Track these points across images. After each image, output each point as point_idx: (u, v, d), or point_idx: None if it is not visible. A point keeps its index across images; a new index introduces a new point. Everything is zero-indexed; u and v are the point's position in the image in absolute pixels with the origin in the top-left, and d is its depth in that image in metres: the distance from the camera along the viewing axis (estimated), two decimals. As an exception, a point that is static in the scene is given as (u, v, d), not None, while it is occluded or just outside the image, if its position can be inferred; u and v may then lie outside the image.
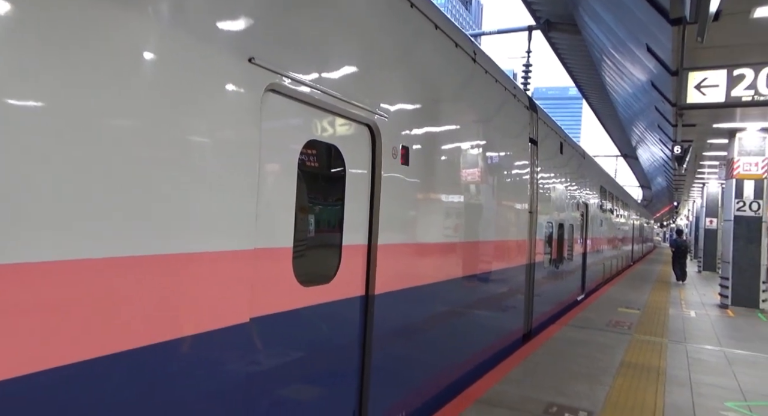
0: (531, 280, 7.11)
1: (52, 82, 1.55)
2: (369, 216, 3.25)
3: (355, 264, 3.12)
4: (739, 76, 6.51)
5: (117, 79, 1.72)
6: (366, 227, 3.23)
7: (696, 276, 19.84)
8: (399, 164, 3.51)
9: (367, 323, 3.24)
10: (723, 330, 8.77)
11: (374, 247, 3.25)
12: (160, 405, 1.92)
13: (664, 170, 26.85)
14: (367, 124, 3.19)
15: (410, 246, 3.74)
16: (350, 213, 3.04)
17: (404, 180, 3.59)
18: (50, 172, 1.56)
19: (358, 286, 3.16)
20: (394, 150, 3.44)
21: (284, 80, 2.44)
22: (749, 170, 11.43)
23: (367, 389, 3.23)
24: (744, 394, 5.14)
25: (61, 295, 1.59)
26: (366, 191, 3.21)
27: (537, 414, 4.19)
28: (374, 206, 3.26)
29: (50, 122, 1.55)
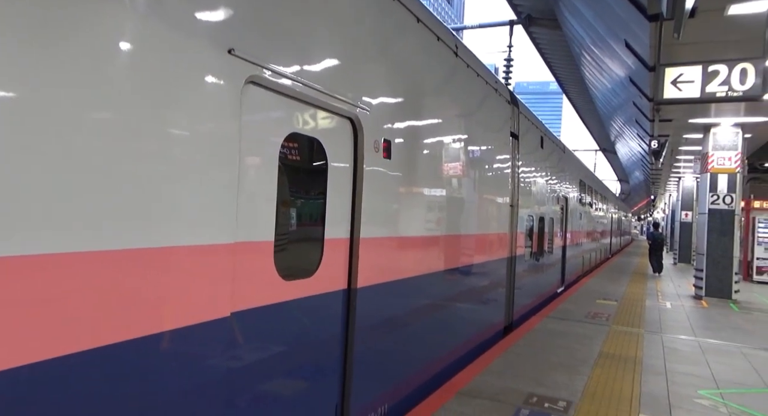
0: (512, 273, 7.21)
1: (25, 74, 1.51)
2: (351, 210, 3.25)
3: (337, 258, 3.12)
4: (714, 73, 6.65)
5: (92, 71, 1.68)
6: (348, 220, 3.23)
7: (672, 268, 20.31)
8: (381, 158, 3.51)
9: (349, 316, 3.25)
10: (697, 320, 9.01)
11: (356, 241, 3.26)
12: (139, 401, 1.90)
13: (641, 165, 27.36)
14: (349, 117, 3.19)
15: (392, 240, 3.76)
16: (332, 207, 3.04)
17: (386, 174, 3.60)
18: (22, 166, 1.52)
19: (340, 280, 3.17)
20: (376, 144, 3.44)
21: (265, 72, 2.40)
22: (723, 164, 11.71)
23: (349, 382, 3.25)
24: (717, 382, 5.29)
25: (33, 290, 1.55)
26: (348, 185, 3.21)
27: (517, 404, 4.26)
28: (356, 200, 3.26)
29: (23, 115, 1.51)
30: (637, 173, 34.82)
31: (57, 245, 1.60)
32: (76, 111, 1.64)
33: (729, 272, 11.66)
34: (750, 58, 6.54)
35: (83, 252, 1.67)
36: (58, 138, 1.59)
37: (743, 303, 11.38)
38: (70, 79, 1.62)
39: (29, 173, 1.53)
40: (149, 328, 1.90)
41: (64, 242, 1.62)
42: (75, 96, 1.64)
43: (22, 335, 1.53)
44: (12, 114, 1.48)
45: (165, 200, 1.94)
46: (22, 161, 1.51)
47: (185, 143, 2.02)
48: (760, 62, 6.44)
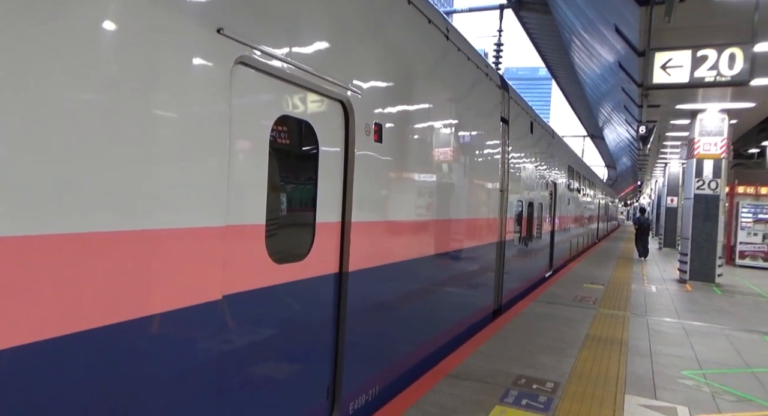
0: (501, 258, 7.27)
1: (5, 54, 1.45)
2: (342, 194, 3.23)
3: (328, 242, 3.12)
4: (703, 57, 6.66)
5: (75, 51, 1.62)
6: (339, 204, 3.22)
7: (657, 253, 20.62)
8: (372, 142, 3.48)
9: (340, 300, 3.27)
10: (681, 303, 9.18)
11: (348, 224, 3.25)
12: (130, 384, 1.89)
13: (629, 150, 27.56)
14: (340, 100, 3.15)
15: (383, 224, 3.76)
16: (323, 191, 3.03)
17: (377, 158, 3.58)
18: (6, 148, 1.48)
19: (331, 263, 3.16)
20: (367, 127, 3.41)
21: (255, 53, 2.36)
22: (709, 149, 11.84)
23: (341, 364, 3.28)
24: (699, 363, 5.41)
25: (17, 272, 1.51)
26: (339, 169, 3.19)
27: (506, 385, 4.32)
28: (347, 184, 3.24)
29: (3, 99, 1.46)
30: (625, 159, 35.10)
31: (44, 227, 1.57)
32: (60, 93, 1.59)
33: (712, 257, 11.87)
34: (739, 43, 6.56)
35: (69, 234, 1.64)
36: (43, 121, 1.55)
37: (726, 286, 11.61)
38: (52, 59, 1.56)
39: (15, 156, 1.49)
40: (140, 311, 1.87)
41: (52, 224, 1.59)
42: (58, 77, 1.58)
43: (11, 317, 1.51)
44: None
45: (154, 183, 1.91)
46: (5, 144, 1.47)
47: (174, 126, 1.98)
48: (748, 47, 6.46)
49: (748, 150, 19.31)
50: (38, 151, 1.55)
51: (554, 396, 4.17)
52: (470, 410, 3.77)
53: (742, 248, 16.69)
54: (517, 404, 3.94)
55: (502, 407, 3.87)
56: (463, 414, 3.70)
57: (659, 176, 29.94)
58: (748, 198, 17.85)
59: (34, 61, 1.52)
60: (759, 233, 16.46)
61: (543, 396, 4.13)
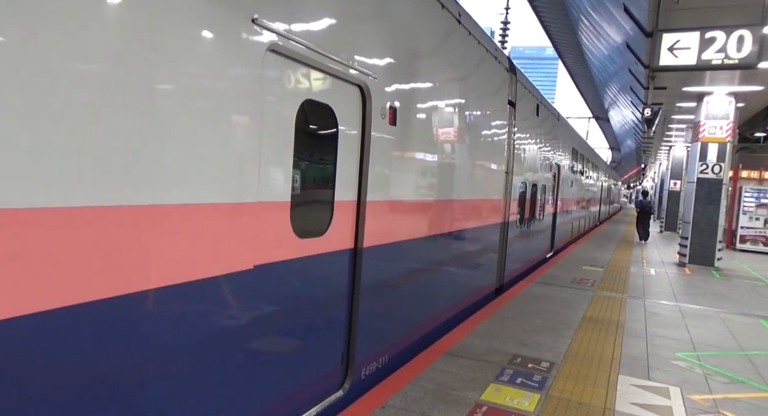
0: (504, 238, 7.43)
1: (44, 30, 1.55)
2: (359, 174, 3.41)
3: (345, 219, 3.30)
4: (711, 39, 6.55)
5: (126, 37, 1.77)
6: (356, 184, 3.40)
7: (658, 236, 20.65)
8: (387, 124, 3.64)
9: (355, 274, 3.48)
10: (679, 286, 9.24)
11: (363, 203, 3.44)
12: (182, 338, 2.13)
13: (633, 133, 27.35)
14: (358, 84, 3.29)
15: (395, 203, 3.93)
16: (342, 170, 3.21)
17: (391, 140, 3.74)
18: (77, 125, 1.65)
19: (348, 239, 3.36)
20: (383, 110, 3.57)
21: (284, 41, 2.52)
22: (714, 133, 11.74)
23: (354, 333, 3.51)
24: (694, 345, 5.48)
25: (77, 238, 1.68)
26: (356, 150, 3.36)
27: (502, 364, 4.40)
28: (363, 164, 3.42)
29: (50, 73, 1.57)
30: (629, 141, 34.86)
31: (100, 199, 1.75)
32: (113, 74, 1.74)
33: (713, 240, 11.89)
34: (748, 25, 6.45)
35: (135, 206, 1.86)
36: (102, 102, 1.71)
37: (725, 270, 11.67)
38: (106, 44, 1.71)
39: (74, 130, 1.64)
40: (183, 277, 2.09)
41: (118, 196, 1.79)
42: (112, 60, 1.74)
43: (66, 278, 1.67)
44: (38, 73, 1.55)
45: (201, 163, 2.12)
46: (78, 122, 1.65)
47: (213, 109, 2.14)
48: (758, 29, 6.35)
49: (754, 134, 19.14)
50: (86, 128, 1.68)
51: (549, 375, 4.24)
52: (466, 387, 3.85)
53: (743, 233, 16.71)
54: (512, 382, 4.02)
55: (497, 385, 3.95)
56: (458, 391, 3.78)
57: (663, 159, 29.78)
58: (752, 183, 17.78)
59: (85, 44, 1.66)
60: (761, 217, 16.46)
61: (538, 375, 4.21)
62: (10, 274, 1.52)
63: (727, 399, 4.03)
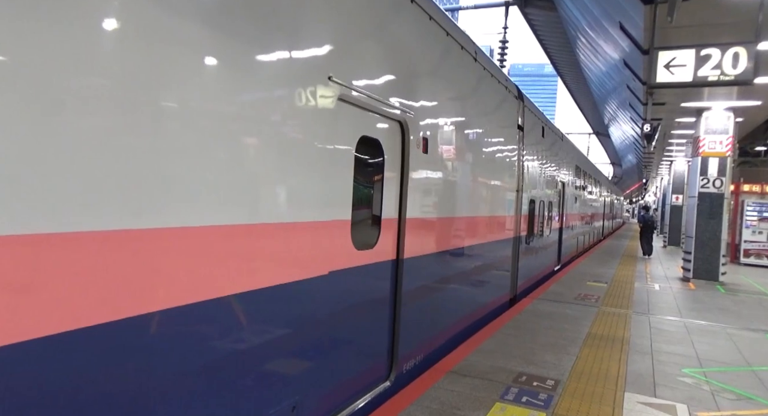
0: (517, 251, 8.02)
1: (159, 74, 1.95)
2: (399, 195, 3.99)
3: (390, 234, 3.88)
4: (706, 56, 6.65)
5: (247, 88, 2.37)
6: (397, 203, 3.96)
7: (661, 251, 20.58)
8: (421, 153, 4.23)
9: (397, 281, 4.02)
10: (684, 301, 9.19)
11: (403, 220, 4.01)
12: (289, 323, 2.75)
13: (634, 148, 27.45)
14: (399, 121, 3.90)
15: (429, 220, 4.54)
16: (387, 192, 3.78)
17: (424, 165, 4.34)
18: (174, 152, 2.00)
19: (391, 251, 3.94)
20: (417, 141, 4.15)
21: (349, 91, 3.14)
22: (714, 148, 11.80)
23: (398, 332, 4.06)
24: (700, 361, 5.44)
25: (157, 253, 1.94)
26: (397, 174, 3.94)
27: (507, 383, 4.37)
28: (403, 186, 3.99)
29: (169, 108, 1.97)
30: (630, 156, 34.95)
31: (220, 218, 2.21)
32: (239, 128, 2.31)
33: (716, 255, 11.85)
34: (742, 43, 6.55)
35: (247, 225, 2.39)
36: (215, 145, 2.20)
37: (729, 285, 11.60)
38: (227, 93, 2.24)
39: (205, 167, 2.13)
40: (281, 279, 2.67)
41: (236, 217, 2.30)
42: (235, 117, 2.30)
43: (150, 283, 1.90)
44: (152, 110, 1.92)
45: (304, 189, 2.79)
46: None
47: (305, 151, 2.79)
48: (752, 46, 6.45)
49: (754, 148, 19.21)
50: (196, 154, 2.10)
51: (554, 393, 4.21)
52: (471, 406, 3.83)
53: (746, 247, 16.64)
54: (518, 401, 3.99)
55: (503, 404, 3.92)
56: (463, 410, 3.75)
57: (665, 173, 29.81)
58: (754, 196, 17.77)
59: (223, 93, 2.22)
60: (764, 231, 16.41)
61: (543, 394, 4.18)
62: (79, 287, 1.68)
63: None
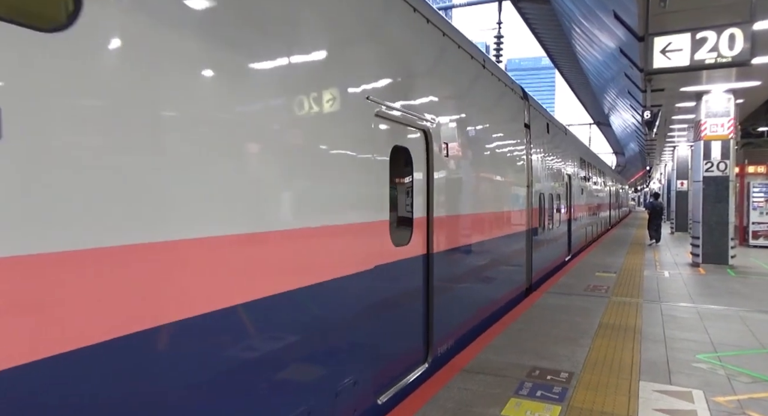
0: (530, 243, 8.44)
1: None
2: (426, 196, 4.38)
3: (420, 231, 4.28)
4: (702, 40, 6.61)
5: (317, 120, 2.93)
6: (425, 203, 4.36)
7: (669, 237, 20.45)
8: (443, 157, 4.67)
9: (429, 273, 4.43)
10: (695, 287, 9.13)
11: (431, 218, 4.42)
12: (340, 311, 3.13)
13: (636, 136, 27.33)
14: (423, 130, 4.32)
15: (453, 217, 4.98)
16: (416, 194, 4.21)
17: (446, 168, 4.78)
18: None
19: (422, 247, 4.34)
20: (440, 147, 4.59)
21: (383, 108, 3.60)
22: (716, 131, 11.72)
23: (432, 320, 4.45)
24: (714, 346, 5.40)
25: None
26: (424, 177, 4.34)
27: (521, 378, 4.35)
28: (429, 188, 4.39)
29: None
30: (632, 144, 34.80)
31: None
32: (305, 145, 2.79)
33: (725, 239, 11.76)
34: (738, 23, 6.51)
35: (304, 228, 2.74)
36: (282, 150, 2.61)
37: (740, 268, 11.52)
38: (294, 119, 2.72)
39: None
40: (341, 272, 3.10)
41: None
42: (300, 136, 2.79)
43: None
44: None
45: (360, 196, 3.32)
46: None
47: (352, 160, 3.25)
48: (747, 27, 6.41)
49: (757, 129, 19.06)
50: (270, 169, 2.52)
51: (569, 385, 4.19)
52: (485, 403, 3.81)
53: (755, 228, 16.51)
54: (532, 395, 3.97)
55: (517, 399, 3.90)
56: (478, 408, 3.74)
57: (668, 160, 29.65)
58: (759, 177, 17.64)
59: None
60: (772, 212, 16.27)
61: (557, 387, 4.16)
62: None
63: (752, 399, 3.96)
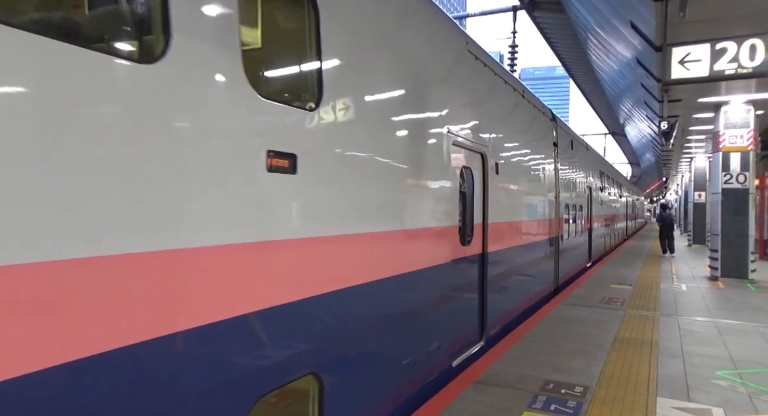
0: (557, 248, 9.48)
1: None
2: (483, 205, 5.42)
3: (478, 234, 5.32)
4: (722, 50, 6.53)
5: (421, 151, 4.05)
6: (482, 212, 5.39)
7: (686, 250, 20.12)
8: (495, 174, 5.77)
9: (484, 268, 5.46)
10: (713, 301, 8.94)
11: (486, 224, 5.49)
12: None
13: (652, 146, 27.01)
14: (480, 153, 5.41)
15: (502, 224, 6.09)
16: (476, 204, 5.26)
17: (498, 183, 5.88)
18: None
19: (479, 247, 5.37)
20: (492, 166, 5.69)
21: (457, 138, 4.71)
22: (735, 142, 11.53)
23: (485, 306, 5.51)
24: (735, 362, 5.26)
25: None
26: (481, 191, 5.40)
27: (534, 391, 4.28)
28: (485, 199, 5.47)
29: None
30: (648, 155, 34.40)
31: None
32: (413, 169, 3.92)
33: (744, 252, 11.52)
34: (759, 34, 6.42)
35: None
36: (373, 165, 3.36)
37: (761, 283, 11.26)
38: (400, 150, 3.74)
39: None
40: (430, 263, 4.15)
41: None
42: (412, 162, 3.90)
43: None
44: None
45: (445, 207, 4.43)
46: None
47: (438, 177, 4.32)
48: (769, 37, 6.32)
49: (777, 141, 18.69)
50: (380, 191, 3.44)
51: (584, 400, 4.11)
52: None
53: (776, 242, 16.15)
54: (546, 409, 3.90)
55: (531, 413, 3.83)
56: (491, 420, 3.68)
57: (685, 171, 29.23)
58: (780, 190, 17.27)
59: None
60: (793, 225, 15.91)
61: (572, 401, 4.08)
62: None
63: (775, 419, 3.84)
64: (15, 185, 1.46)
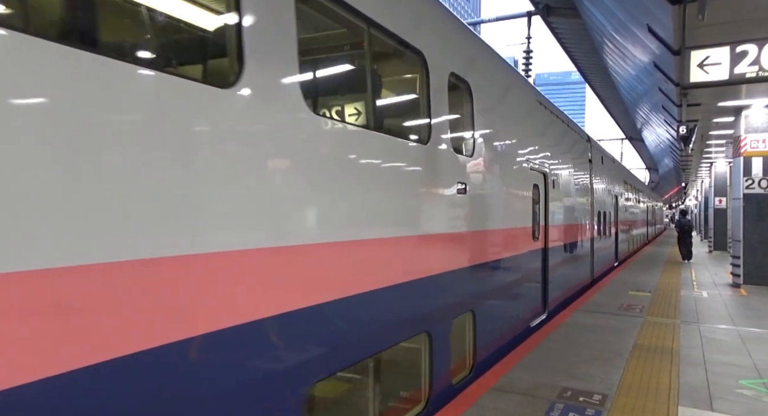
0: (593, 247, 11.56)
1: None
2: (545, 211, 7.23)
3: (542, 233, 7.11)
4: (742, 53, 6.42)
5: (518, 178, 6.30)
6: (544, 216, 7.20)
7: (707, 256, 19.72)
8: (552, 188, 7.63)
9: (545, 258, 7.31)
10: (736, 309, 8.74)
11: (547, 225, 7.35)
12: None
13: (670, 151, 26.62)
14: (543, 173, 7.26)
15: (559, 226, 8.19)
16: (542, 210, 6.98)
17: (555, 195, 7.86)
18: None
19: (543, 243, 7.21)
20: (551, 182, 7.51)
21: (532, 164, 6.63)
22: (756, 147, 11.30)
23: (547, 287, 7.40)
24: (759, 371, 5.13)
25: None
26: (544, 200, 7.17)
27: (551, 398, 4.22)
28: (546, 207, 7.32)
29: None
30: (666, 160, 33.92)
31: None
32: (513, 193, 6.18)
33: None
34: (781, 36, 6.30)
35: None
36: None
37: (785, 290, 10.97)
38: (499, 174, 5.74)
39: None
40: (513, 253, 6.15)
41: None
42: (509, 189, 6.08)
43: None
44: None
45: (519, 214, 6.28)
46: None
47: (524, 193, 6.47)
48: (791, 39, 6.20)
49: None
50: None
51: (602, 408, 4.04)
52: (515, 424, 3.70)
53: (800, 249, 15.72)
54: (564, 417, 3.84)
55: (549, 420, 3.78)
56: (508, 428, 3.64)
57: (705, 176, 28.73)
58: (804, 195, 16.84)
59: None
60: (818, 232, 15.48)
61: (590, 409, 4.01)
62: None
63: (803, 430, 3.73)
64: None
